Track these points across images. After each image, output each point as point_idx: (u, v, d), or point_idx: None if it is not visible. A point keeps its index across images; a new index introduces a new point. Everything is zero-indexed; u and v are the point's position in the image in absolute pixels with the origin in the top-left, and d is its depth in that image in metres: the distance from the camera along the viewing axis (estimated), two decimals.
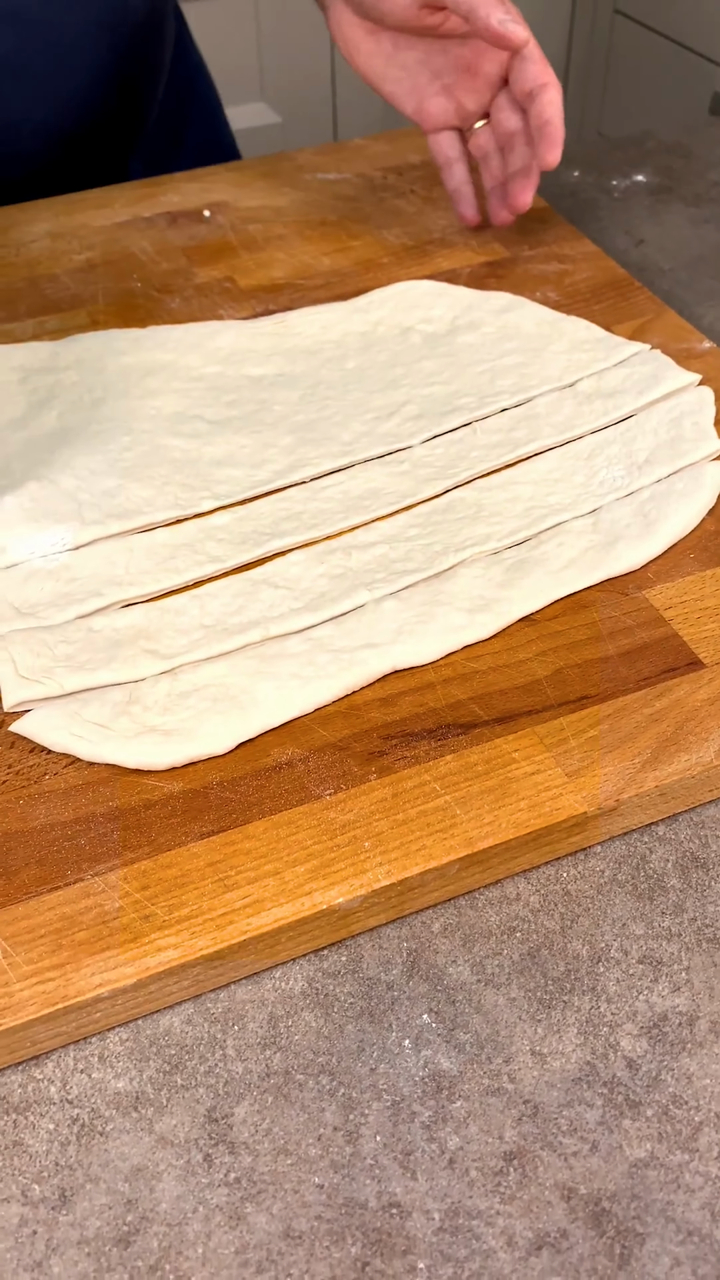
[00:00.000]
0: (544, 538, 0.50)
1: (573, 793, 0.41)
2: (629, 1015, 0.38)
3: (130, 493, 0.53)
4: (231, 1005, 0.38)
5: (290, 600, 0.48)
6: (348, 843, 0.40)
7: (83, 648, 0.46)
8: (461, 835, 0.40)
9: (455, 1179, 0.34)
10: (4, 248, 0.71)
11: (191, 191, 0.76)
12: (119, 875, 0.39)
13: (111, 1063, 0.37)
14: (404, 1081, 0.36)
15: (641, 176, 0.80)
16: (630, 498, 0.51)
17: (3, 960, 0.37)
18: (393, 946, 0.40)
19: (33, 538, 0.50)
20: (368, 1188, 0.34)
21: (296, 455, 0.55)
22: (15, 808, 0.41)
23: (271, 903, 0.38)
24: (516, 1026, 0.38)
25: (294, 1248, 0.33)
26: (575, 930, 0.40)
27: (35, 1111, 0.36)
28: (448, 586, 0.48)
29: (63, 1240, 0.33)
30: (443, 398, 0.58)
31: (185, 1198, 0.34)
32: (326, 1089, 0.36)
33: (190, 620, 0.47)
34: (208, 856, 0.39)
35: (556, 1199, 0.34)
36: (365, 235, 0.71)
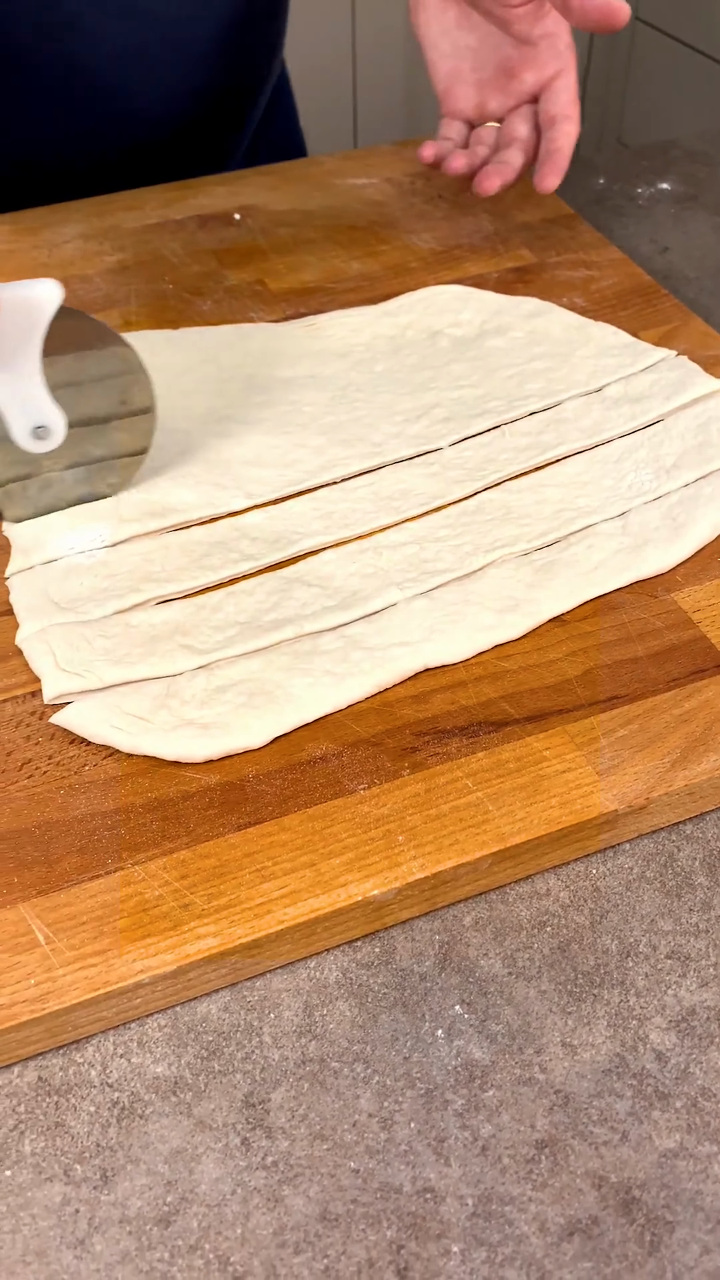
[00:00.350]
0: (573, 540, 0.51)
1: (603, 791, 0.41)
2: (658, 1009, 0.38)
3: (166, 491, 0.53)
4: (267, 994, 0.39)
5: (323, 598, 0.48)
6: (382, 836, 0.40)
7: (120, 642, 0.46)
8: (494, 831, 0.40)
9: (488, 1166, 0.35)
10: (37, 249, 0.72)
11: (221, 195, 0.77)
12: (158, 864, 0.40)
13: (150, 1048, 0.38)
14: (437, 1070, 0.37)
15: (666, 184, 0.81)
16: (658, 501, 0.52)
17: (46, 946, 0.37)
18: (425, 939, 0.40)
19: (71, 534, 0.51)
20: (402, 1173, 0.35)
21: (327, 456, 0.56)
22: (56, 798, 0.42)
23: (308, 893, 0.39)
24: (547, 1018, 0.38)
25: (331, 1230, 0.34)
26: (605, 925, 0.41)
27: (76, 1094, 0.37)
28: (478, 587, 0.49)
29: (104, 1219, 0.34)
30: (471, 401, 0.59)
31: (224, 1180, 0.35)
32: (361, 1076, 0.37)
33: (225, 617, 0.48)
34: (245, 847, 0.40)
35: (587, 1187, 0.35)
36: (394, 240, 0.72)
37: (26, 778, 0.42)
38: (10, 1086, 0.37)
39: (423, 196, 0.76)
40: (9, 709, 0.45)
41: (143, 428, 0.53)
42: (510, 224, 0.73)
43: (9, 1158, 0.35)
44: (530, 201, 0.75)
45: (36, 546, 0.51)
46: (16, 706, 0.45)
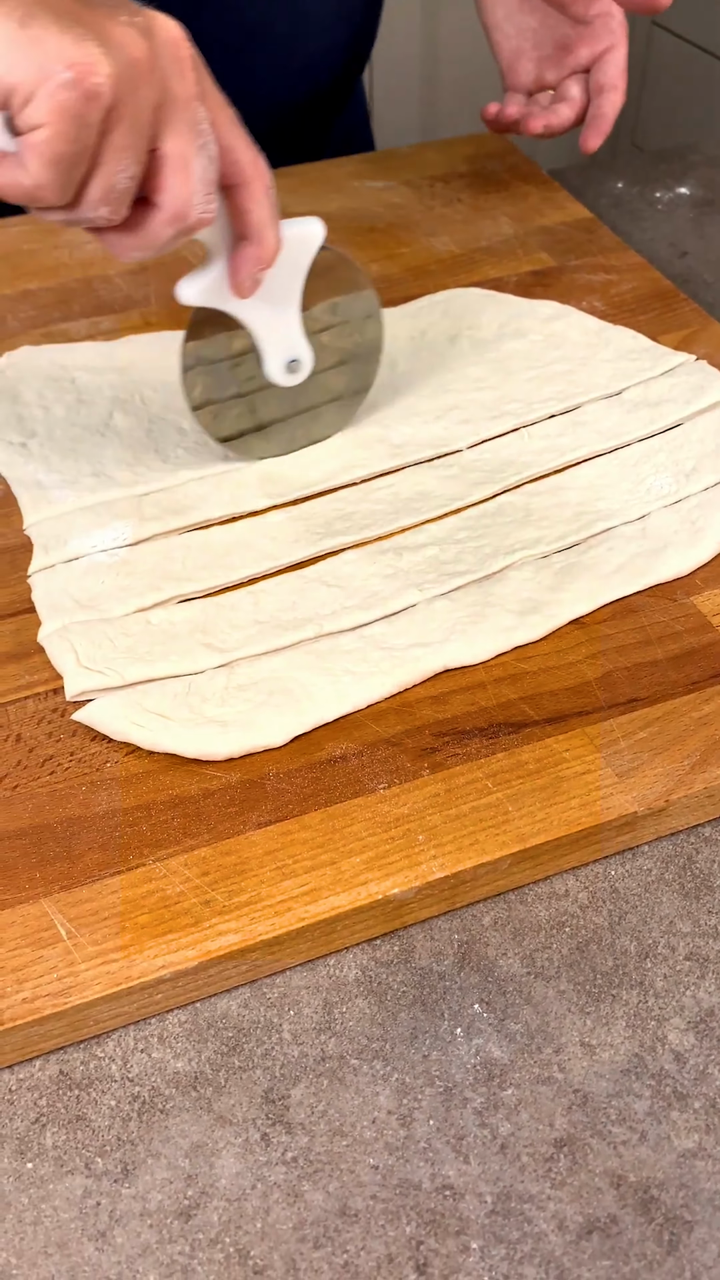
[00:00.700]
0: (593, 543, 0.51)
1: (622, 793, 0.41)
2: (676, 1010, 0.39)
3: (187, 490, 0.54)
4: (287, 991, 0.39)
5: (343, 598, 0.49)
6: (402, 835, 0.41)
7: (141, 640, 0.47)
8: (514, 831, 0.40)
9: (507, 1164, 0.35)
10: (58, 249, 0.72)
11: None
12: (180, 861, 0.40)
13: (171, 1043, 0.38)
14: (456, 1068, 0.37)
15: (685, 189, 0.81)
16: (677, 505, 0.52)
17: (68, 941, 0.38)
18: (444, 938, 0.41)
19: (93, 532, 0.51)
20: (421, 1170, 0.35)
21: (347, 456, 0.56)
22: (78, 794, 0.42)
23: (328, 891, 0.39)
24: (566, 1018, 0.38)
25: (350, 1225, 0.34)
26: (623, 926, 0.41)
27: (97, 1088, 0.37)
28: (498, 588, 0.49)
29: (125, 1212, 0.34)
30: (490, 403, 0.59)
31: (244, 1174, 0.35)
32: (380, 1074, 0.37)
33: (245, 616, 0.48)
34: (265, 845, 0.40)
35: (606, 1186, 0.35)
36: (413, 243, 0.72)
37: (49, 774, 0.43)
38: (32, 1080, 0.37)
39: (442, 199, 0.76)
40: (31, 706, 0.45)
41: (369, 369, 0.56)
42: (529, 228, 0.73)
43: (30, 1150, 0.36)
44: (549, 205, 0.75)
45: (58, 545, 0.51)
46: (39, 703, 0.45)
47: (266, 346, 0.52)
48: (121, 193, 0.41)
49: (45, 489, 0.54)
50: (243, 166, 0.45)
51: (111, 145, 0.39)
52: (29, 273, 0.70)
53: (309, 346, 0.53)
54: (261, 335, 0.51)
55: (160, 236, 0.43)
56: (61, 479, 0.54)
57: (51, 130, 0.38)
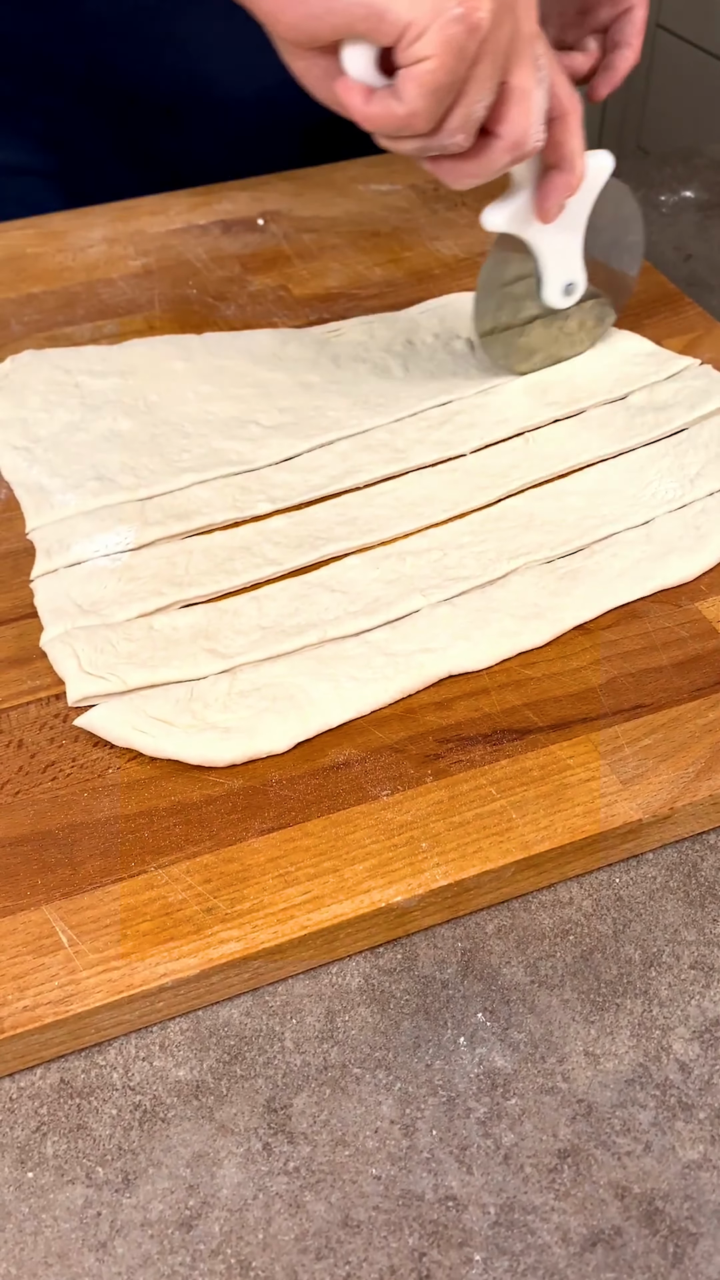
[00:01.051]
0: (597, 548, 0.51)
1: (627, 800, 0.41)
2: (681, 1019, 0.38)
3: (190, 494, 0.54)
4: (289, 999, 0.39)
5: (346, 604, 0.49)
6: (405, 843, 0.40)
7: (144, 645, 0.46)
8: (518, 839, 0.40)
9: (510, 1174, 0.35)
10: (62, 252, 0.72)
11: (245, 200, 0.77)
12: (182, 868, 0.40)
13: (172, 1051, 0.38)
14: (459, 1078, 0.37)
15: (690, 193, 0.81)
16: (682, 510, 0.52)
17: (69, 949, 0.38)
18: (447, 946, 0.40)
19: (96, 537, 0.51)
20: (424, 1180, 0.35)
21: (350, 461, 0.56)
22: (80, 800, 0.42)
23: (331, 899, 0.39)
24: (570, 1027, 0.38)
25: (352, 1236, 0.34)
26: (627, 935, 0.40)
27: (99, 1097, 0.37)
28: (501, 593, 0.49)
29: (126, 1222, 0.34)
30: (495, 407, 0.59)
31: (245, 1184, 0.35)
32: (383, 1083, 0.37)
33: (248, 621, 0.48)
34: (268, 852, 0.40)
35: (610, 1197, 0.35)
36: (418, 246, 0.72)
37: (50, 780, 0.42)
38: (33, 1088, 0.37)
39: (446, 203, 0.76)
40: (33, 711, 0.45)
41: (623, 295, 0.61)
42: None
43: (31, 1159, 0.36)
44: None
45: (60, 549, 0.51)
46: (41, 709, 0.45)
47: (550, 270, 0.56)
48: (475, 121, 0.46)
49: (48, 493, 0.54)
50: (562, 99, 0.49)
51: (476, 76, 0.44)
52: (33, 276, 0.70)
53: (583, 270, 0.57)
54: (548, 259, 0.56)
55: (497, 164, 0.48)
56: (65, 483, 0.54)
57: (437, 62, 0.42)
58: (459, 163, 0.48)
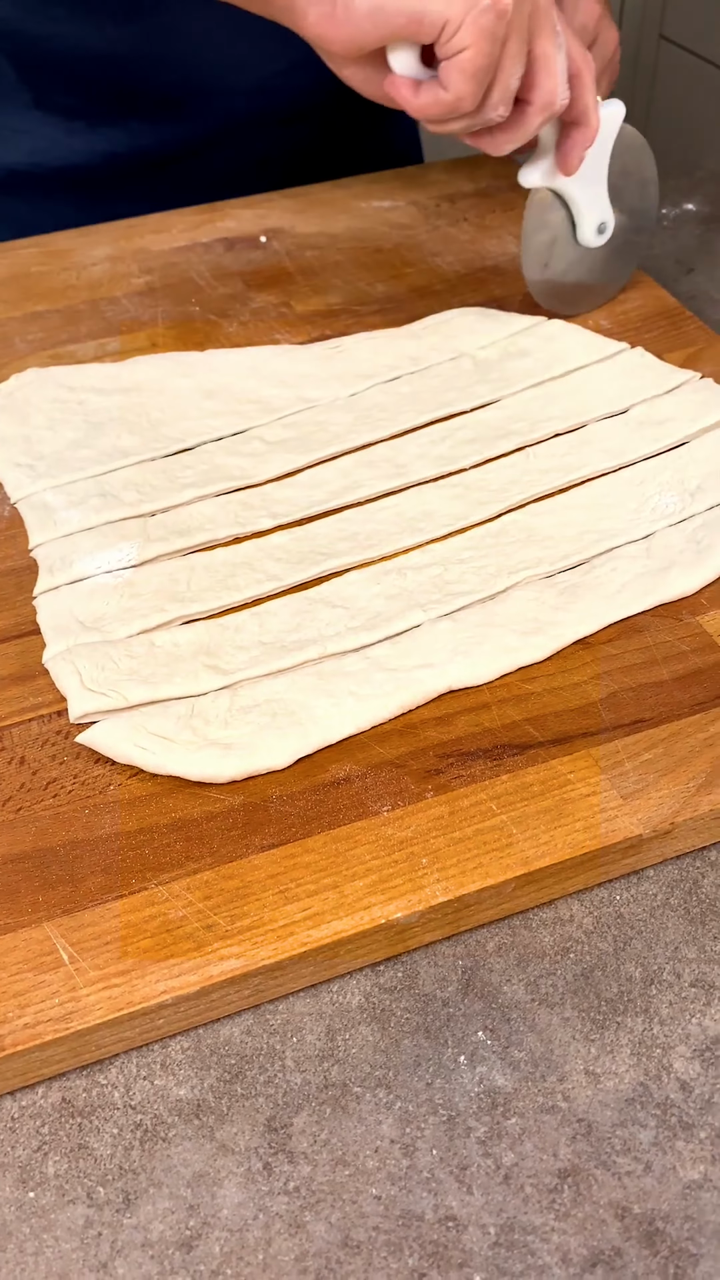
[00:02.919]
0: (597, 562, 0.51)
1: (628, 815, 0.41)
2: (682, 1038, 0.38)
3: (192, 510, 0.54)
4: (290, 1017, 0.39)
5: (347, 619, 0.49)
6: (405, 859, 0.40)
7: (146, 662, 0.47)
8: (518, 854, 0.40)
9: (510, 1194, 0.35)
10: (66, 270, 0.72)
11: (247, 217, 0.77)
12: (182, 885, 0.40)
13: (173, 1070, 0.38)
14: (459, 1097, 0.37)
15: (691, 205, 0.81)
16: (683, 524, 0.52)
17: (70, 966, 0.38)
18: (448, 964, 0.40)
19: (99, 553, 0.51)
20: (424, 1200, 0.35)
21: (352, 477, 0.56)
22: (81, 817, 0.42)
23: (331, 915, 0.39)
24: (570, 1046, 0.38)
25: (352, 1257, 0.34)
26: (628, 952, 0.40)
27: (100, 1116, 0.37)
28: (502, 608, 0.49)
29: (127, 1243, 0.34)
30: (495, 422, 0.59)
31: (246, 1205, 0.35)
32: (383, 1102, 0.37)
33: (249, 637, 0.48)
34: (268, 869, 0.40)
35: (610, 1217, 0.34)
36: (419, 262, 0.72)
37: (52, 797, 0.43)
38: (34, 1107, 0.37)
39: (447, 219, 0.76)
40: (35, 728, 0.45)
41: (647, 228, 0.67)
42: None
43: (33, 1179, 0.36)
44: None
45: (63, 566, 0.51)
46: (43, 725, 0.45)
47: (583, 214, 0.62)
48: (512, 92, 0.51)
49: (51, 510, 0.54)
50: (575, 59, 0.54)
51: (508, 54, 0.50)
52: (37, 295, 0.70)
53: (611, 208, 0.63)
54: (580, 205, 0.62)
55: (532, 126, 0.54)
56: (68, 500, 0.55)
57: (474, 49, 0.48)
58: (498, 134, 0.54)
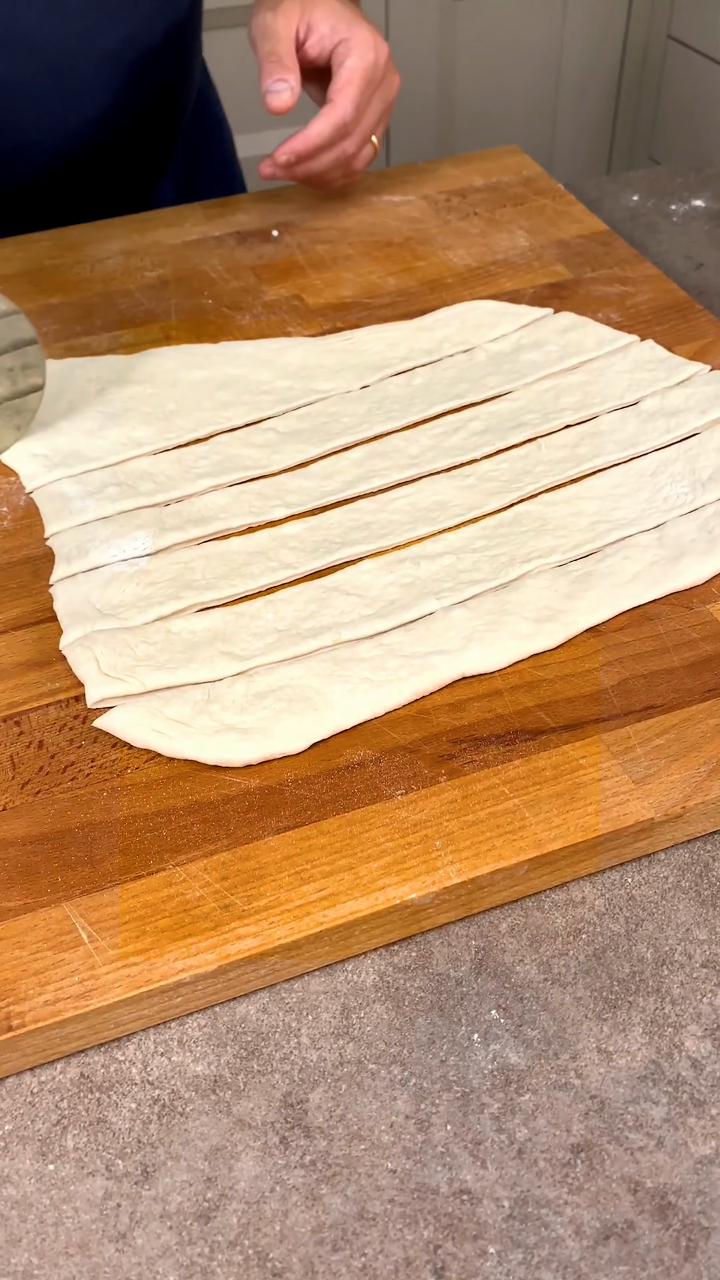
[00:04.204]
0: (609, 551, 0.51)
1: (639, 799, 0.42)
2: (693, 1017, 0.39)
3: (207, 500, 0.54)
4: (305, 996, 0.40)
5: (361, 607, 0.49)
6: (419, 841, 0.41)
7: (162, 648, 0.47)
8: (531, 837, 0.41)
9: (524, 1169, 0.35)
10: (80, 264, 0.73)
11: (260, 212, 0.78)
12: (199, 866, 0.40)
13: (190, 1047, 0.38)
14: (473, 1074, 0.38)
15: (700, 202, 0.82)
16: (694, 514, 0.53)
17: (89, 944, 0.38)
18: (461, 944, 0.41)
19: (115, 542, 0.52)
20: (439, 1174, 0.35)
21: (365, 467, 0.57)
22: (99, 800, 0.42)
23: (346, 896, 0.39)
24: (583, 1024, 0.39)
25: (368, 1228, 0.34)
26: (640, 934, 0.41)
27: (118, 1091, 0.37)
28: (514, 597, 0.49)
29: (145, 1214, 0.35)
30: (508, 414, 0.59)
31: (263, 1177, 0.35)
32: (398, 1079, 0.37)
33: (264, 624, 0.49)
34: (284, 850, 0.41)
35: (623, 1191, 0.35)
36: (430, 256, 0.73)
37: (70, 780, 0.43)
38: (54, 1082, 0.38)
39: (458, 213, 0.77)
40: (53, 713, 0.46)
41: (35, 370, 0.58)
42: (545, 240, 0.74)
43: (52, 1152, 0.36)
44: (565, 219, 0.76)
45: (79, 555, 0.52)
46: (61, 710, 0.46)
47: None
48: None
49: (68, 499, 0.55)
50: None
51: None
52: (51, 288, 0.71)
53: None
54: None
55: None
56: (84, 490, 0.55)
57: None
58: None
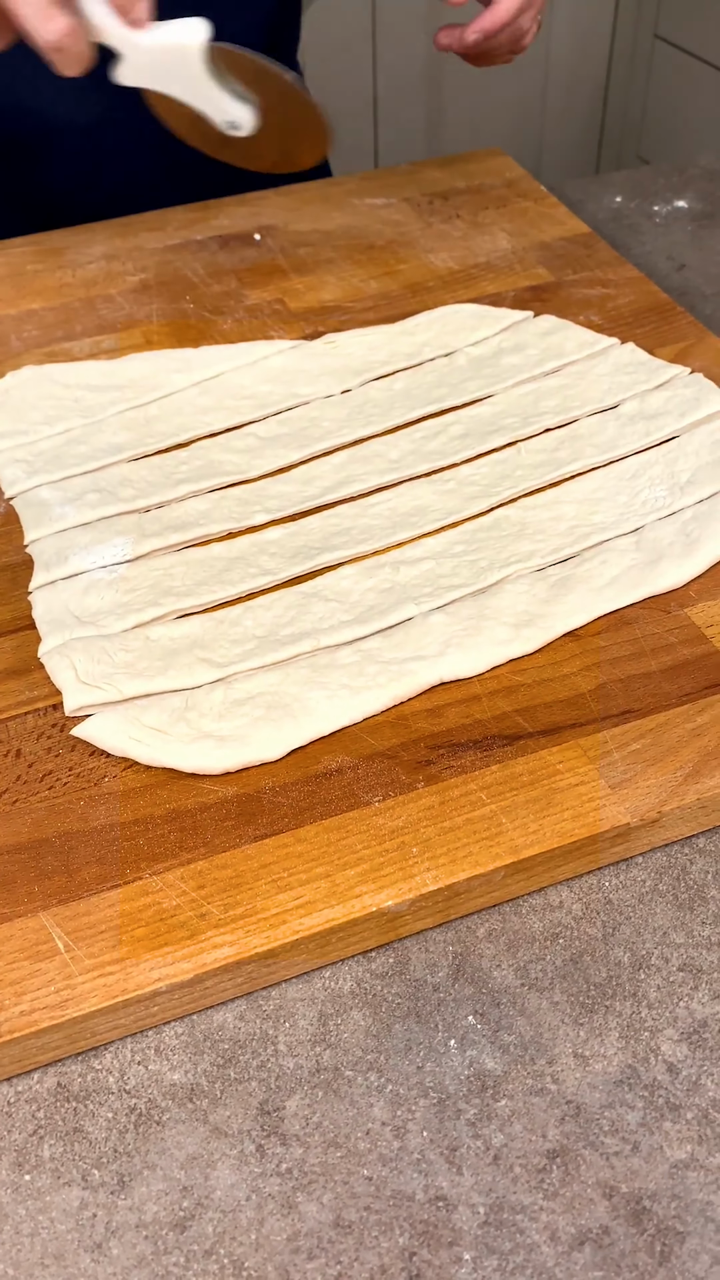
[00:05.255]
0: (587, 555, 0.51)
1: (616, 804, 0.42)
2: (670, 1021, 0.39)
3: (187, 506, 0.54)
4: (283, 1003, 0.40)
5: (340, 613, 0.49)
6: (396, 848, 0.41)
7: (141, 655, 0.47)
8: (507, 843, 0.41)
9: (500, 1175, 0.36)
10: (61, 268, 0.73)
11: (241, 215, 0.78)
12: (176, 875, 0.40)
13: (167, 1055, 0.38)
14: (450, 1080, 0.38)
15: (683, 202, 0.82)
16: (673, 517, 0.53)
17: (65, 954, 0.38)
18: (439, 950, 0.41)
19: (94, 549, 0.52)
20: (415, 1181, 0.35)
21: (345, 472, 0.57)
22: (76, 808, 0.42)
23: (323, 904, 0.39)
24: (559, 1029, 0.39)
25: (344, 1236, 0.34)
26: (617, 938, 0.41)
27: (95, 1100, 0.37)
28: (493, 602, 0.49)
29: (121, 1224, 0.35)
30: (488, 418, 0.59)
31: (239, 1186, 0.35)
32: (375, 1085, 0.37)
33: (243, 631, 0.49)
34: (261, 858, 0.41)
35: (598, 1196, 0.35)
36: (412, 259, 0.73)
37: (48, 789, 0.43)
38: (30, 1092, 0.38)
39: (440, 216, 0.77)
40: (31, 721, 0.46)
41: None
42: (527, 243, 0.74)
43: (28, 1162, 0.36)
44: (548, 221, 0.76)
45: (59, 561, 0.52)
46: (38, 719, 0.46)
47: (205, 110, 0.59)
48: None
49: (47, 506, 0.55)
50: None
51: None
52: (32, 293, 0.71)
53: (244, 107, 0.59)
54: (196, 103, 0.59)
55: None
56: (64, 496, 0.55)
57: None
58: None
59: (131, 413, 0.61)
